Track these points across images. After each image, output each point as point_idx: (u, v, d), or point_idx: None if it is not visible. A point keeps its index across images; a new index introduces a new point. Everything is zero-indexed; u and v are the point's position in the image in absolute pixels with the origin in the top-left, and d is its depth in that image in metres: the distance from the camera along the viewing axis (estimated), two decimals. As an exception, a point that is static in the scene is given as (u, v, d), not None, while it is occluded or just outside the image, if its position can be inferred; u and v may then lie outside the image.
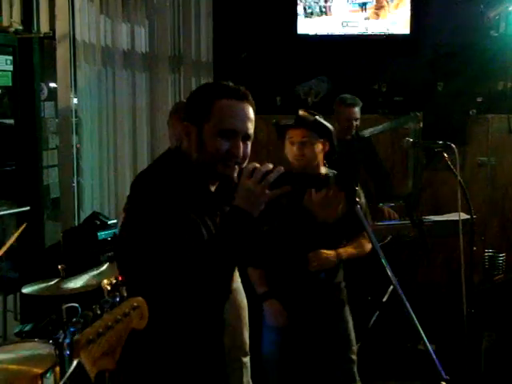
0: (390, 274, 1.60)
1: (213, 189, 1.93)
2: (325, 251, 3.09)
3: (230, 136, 1.84)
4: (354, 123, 4.78)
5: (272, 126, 3.15)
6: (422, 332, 1.58)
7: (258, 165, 1.79)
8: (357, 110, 4.78)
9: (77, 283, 3.17)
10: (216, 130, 1.83)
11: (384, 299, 3.26)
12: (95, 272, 3.26)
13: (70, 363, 1.31)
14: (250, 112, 1.89)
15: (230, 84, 1.90)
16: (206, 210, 1.88)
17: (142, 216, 1.78)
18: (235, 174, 1.86)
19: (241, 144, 1.86)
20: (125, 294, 1.40)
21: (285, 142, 3.09)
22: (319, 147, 3.03)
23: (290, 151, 3.04)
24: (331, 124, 3.08)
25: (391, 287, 2.92)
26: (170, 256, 1.71)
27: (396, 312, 1.65)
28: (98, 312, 1.33)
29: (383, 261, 1.62)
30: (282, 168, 1.78)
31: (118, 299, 1.38)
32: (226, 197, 1.93)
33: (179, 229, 1.74)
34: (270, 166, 1.79)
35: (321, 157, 3.06)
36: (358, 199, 1.80)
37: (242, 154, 1.86)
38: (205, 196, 1.90)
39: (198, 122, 1.86)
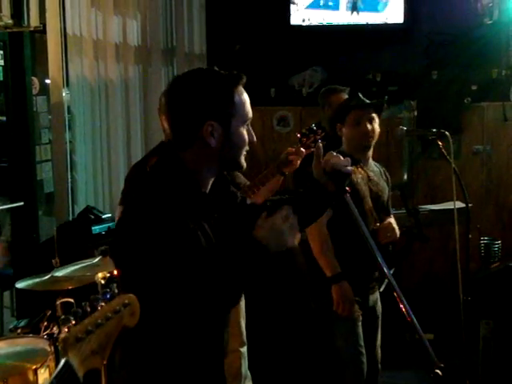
0: (380, 262, 1.59)
1: (206, 191, 1.86)
2: (392, 223, 3.04)
3: (246, 125, 1.80)
4: None
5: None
6: (415, 322, 1.58)
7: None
8: (346, 96, 4.76)
9: (67, 271, 3.15)
10: (241, 121, 1.77)
11: (380, 289, 3.24)
12: (88, 263, 3.24)
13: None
14: None
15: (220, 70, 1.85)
16: (202, 214, 1.79)
17: (141, 229, 1.68)
18: None
19: None
20: (116, 291, 1.37)
21: (343, 126, 3.06)
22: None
23: (357, 131, 3.02)
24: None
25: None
26: (176, 269, 1.64)
27: (394, 302, 1.63)
28: (88, 309, 1.30)
29: (373, 247, 1.61)
30: None
31: (108, 296, 1.35)
32: (220, 197, 1.89)
33: (181, 241, 1.66)
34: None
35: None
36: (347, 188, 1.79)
37: None
38: (200, 199, 1.81)
39: (226, 118, 1.76)
